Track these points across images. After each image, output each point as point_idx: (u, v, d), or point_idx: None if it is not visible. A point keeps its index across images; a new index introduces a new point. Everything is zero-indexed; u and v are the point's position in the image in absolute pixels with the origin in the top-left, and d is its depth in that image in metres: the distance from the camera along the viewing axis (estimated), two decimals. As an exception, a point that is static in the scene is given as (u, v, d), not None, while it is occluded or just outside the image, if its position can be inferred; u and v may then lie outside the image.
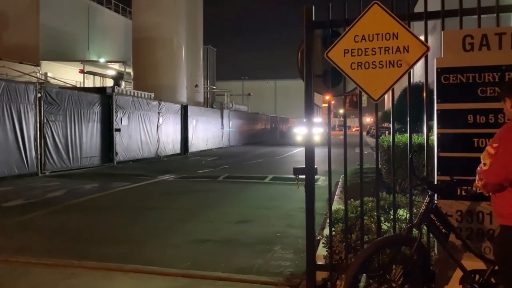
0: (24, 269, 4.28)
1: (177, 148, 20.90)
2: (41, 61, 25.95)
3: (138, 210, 7.60)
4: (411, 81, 3.29)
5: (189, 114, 21.91)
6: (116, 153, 15.58)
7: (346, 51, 3.20)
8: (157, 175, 12.33)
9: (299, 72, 3.59)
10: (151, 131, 18.17)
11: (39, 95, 12.03)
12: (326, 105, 3.61)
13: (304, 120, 3.59)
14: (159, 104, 19.25)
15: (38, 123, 11.98)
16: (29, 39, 26.82)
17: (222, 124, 28.01)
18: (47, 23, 28.04)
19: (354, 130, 48.84)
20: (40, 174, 11.95)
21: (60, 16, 29.44)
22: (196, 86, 29.23)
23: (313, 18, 3.42)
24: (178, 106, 21.62)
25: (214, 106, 37.07)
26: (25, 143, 11.56)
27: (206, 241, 5.43)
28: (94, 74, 27.59)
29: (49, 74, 25.00)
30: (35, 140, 11.91)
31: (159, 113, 18.94)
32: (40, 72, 24.81)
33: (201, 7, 29.93)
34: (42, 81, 22.02)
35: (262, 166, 15.36)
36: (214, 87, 43.50)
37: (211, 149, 25.21)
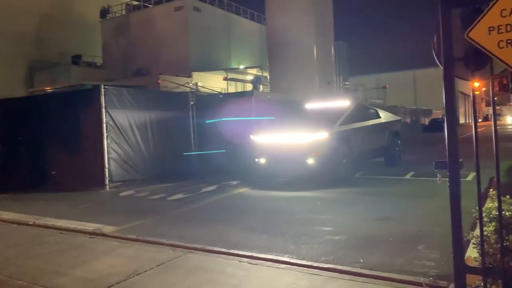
0: (184, 253, 4.98)
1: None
2: (192, 72, 29.46)
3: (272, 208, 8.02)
4: None
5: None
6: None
7: (492, 29, 2.85)
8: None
9: (435, 57, 3.33)
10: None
11: (192, 102, 13.75)
12: (477, 92, 3.23)
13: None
14: (293, 103, 19.75)
15: (192, 126, 13.68)
16: (182, 54, 30.74)
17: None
18: (195, 38, 31.66)
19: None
20: (196, 171, 13.57)
21: (205, 30, 32.81)
22: (329, 83, 28.98)
23: (450, -3, 3.14)
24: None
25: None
26: (184, 144, 13.29)
27: (345, 236, 5.44)
28: (235, 80, 29.97)
29: (199, 84, 28.17)
30: (192, 140, 13.62)
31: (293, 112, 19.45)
32: (192, 83, 28.13)
33: (330, 3, 29.60)
34: (194, 90, 24.93)
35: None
36: (347, 83, 42.43)
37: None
